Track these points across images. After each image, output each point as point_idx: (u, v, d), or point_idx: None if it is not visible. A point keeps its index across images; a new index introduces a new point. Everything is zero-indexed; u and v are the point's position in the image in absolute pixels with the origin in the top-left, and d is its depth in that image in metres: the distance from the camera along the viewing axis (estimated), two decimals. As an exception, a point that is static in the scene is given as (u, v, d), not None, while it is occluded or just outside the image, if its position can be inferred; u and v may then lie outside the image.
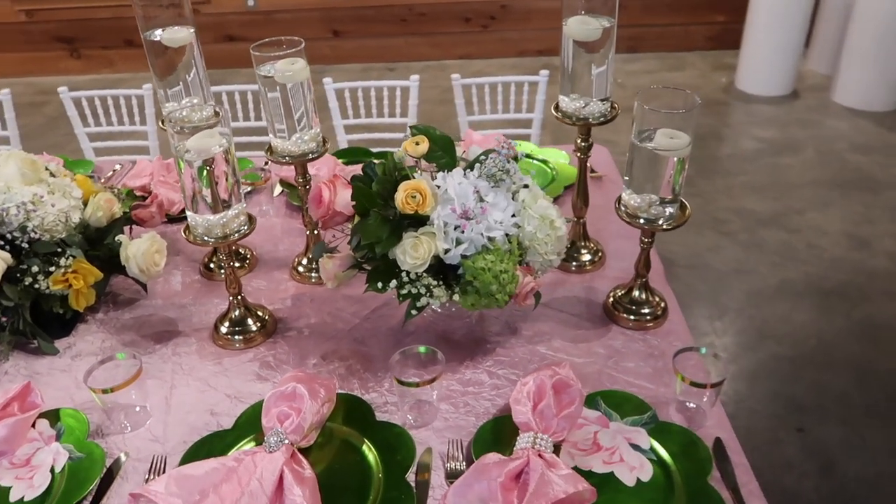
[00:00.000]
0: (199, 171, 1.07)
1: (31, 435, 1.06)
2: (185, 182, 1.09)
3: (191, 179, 1.07)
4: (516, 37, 4.66)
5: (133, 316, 1.34)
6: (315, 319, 1.30)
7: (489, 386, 1.14)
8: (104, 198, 1.32)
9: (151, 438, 1.07)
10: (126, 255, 1.29)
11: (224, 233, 1.14)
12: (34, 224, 1.23)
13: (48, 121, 4.11)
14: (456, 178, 1.12)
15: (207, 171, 1.07)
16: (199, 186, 1.07)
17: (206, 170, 1.07)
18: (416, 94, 2.28)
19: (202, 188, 1.08)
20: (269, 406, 1.03)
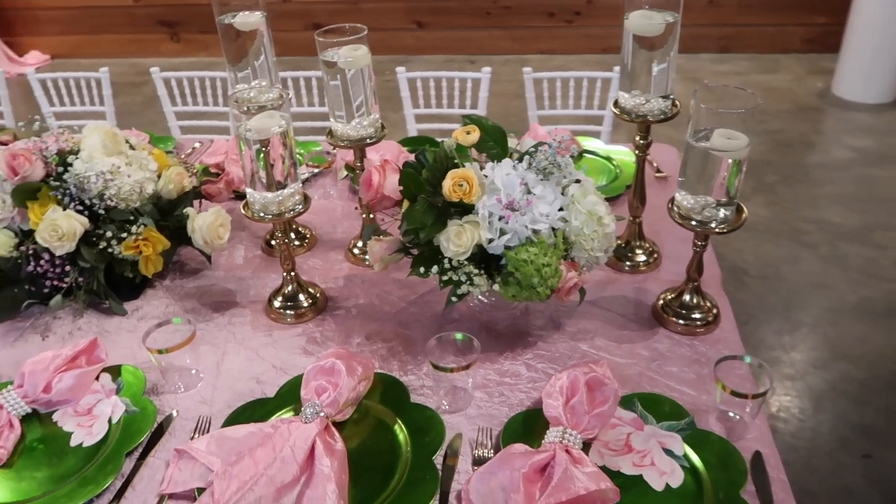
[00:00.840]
0: (257, 153, 1.12)
1: (95, 387, 1.14)
2: (245, 161, 1.14)
3: (250, 160, 1.12)
4: (601, 33, 4.58)
5: (196, 285, 1.42)
6: (363, 300, 1.34)
7: (526, 378, 1.14)
8: (175, 171, 1.40)
9: (200, 400, 1.13)
10: (192, 227, 1.36)
11: (279, 210, 1.18)
12: (111, 192, 1.32)
13: (146, 100, 4.35)
14: (504, 168, 1.12)
15: (264, 151, 1.11)
16: (256, 166, 1.12)
17: (263, 151, 1.11)
18: (486, 86, 2.29)
19: (259, 168, 1.13)
20: (308, 379, 1.07)
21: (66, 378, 1.10)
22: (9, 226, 1.31)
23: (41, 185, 1.30)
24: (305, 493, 0.93)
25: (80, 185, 1.30)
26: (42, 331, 1.31)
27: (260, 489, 0.91)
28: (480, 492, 0.92)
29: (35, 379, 1.10)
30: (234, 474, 0.93)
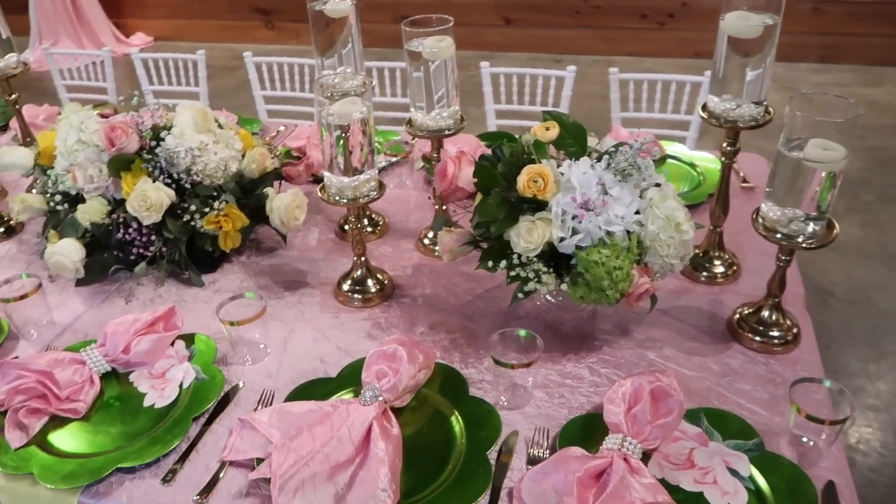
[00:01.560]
0: (338, 138, 1.14)
1: (169, 352, 1.19)
2: (325, 145, 1.16)
3: (330, 144, 1.14)
4: (693, 37, 4.43)
5: (270, 263, 1.46)
6: (430, 290, 1.34)
7: (588, 382, 1.12)
8: (259, 152, 1.45)
9: (266, 374, 1.16)
10: (270, 207, 1.40)
11: (354, 195, 1.20)
12: (198, 168, 1.37)
13: (238, 84, 4.51)
14: (581, 167, 1.10)
15: (344, 137, 1.13)
16: (335, 151, 1.14)
17: (343, 136, 1.13)
18: (570, 85, 2.25)
19: (337, 153, 1.14)
20: (370, 363, 1.08)
21: (144, 341, 1.16)
22: (103, 194, 1.38)
23: (135, 158, 1.36)
24: (359, 473, 0.94)
25: (169, 159, 1.36)
26: (126, 295, 1.38)
27: (315, 465, 0.93)
28: (533, 491, 0.91)
29: (116, 340, 1.15)
30: (291, 448, 0.95)
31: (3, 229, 1.61)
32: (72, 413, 1.08)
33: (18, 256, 1.54)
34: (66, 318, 1.32)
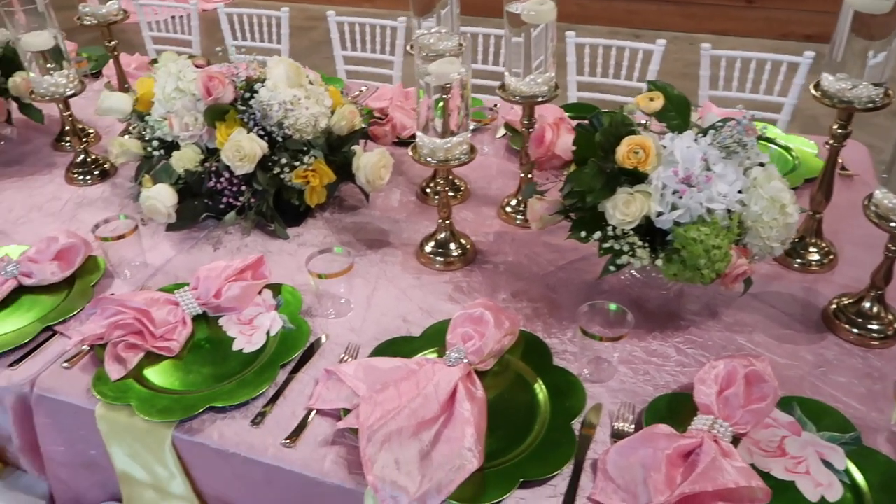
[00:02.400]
0: (437, 101, 1.13)
1: (256, 300, 1.22)
2: (422, 106, 1.16)
3: (427, 106, 1.13)
4: (783, 17, 4.23)
5: (353, 221, 1.47)
6: (512, 258, 1.34)
7: (674, 361, 1.09)
8: (349, 109, 1.45)
9: (349, 328, 1.18)
10: (357, 165, 1.41)
11: (445, 157, 1.20)
12: (289, 122, 1.38)
13: (312, 44, 4.54)
14: (685, 140, 1.06)
15: (444, 98, 1.12)
16: (433, 112, 1.14)
17: (443, 98, 1.12)
18: (658, 59, 2.18)
19: (435, 115, 1.14)
20: (455, 325, 1.08)
21: (234, 288, 1.19)
22: (197, 142, 1.41)
23: (229, 108, 1.38)
24: (443, 432, 0.95)
25: (263, 111, 1.37)
26: (214, 243, 1.42)
27: (402, 420, 0.94)
28: (618, 465, 0.90)
29: (208, 284, 1.19)
30: (378, 402, 0.96)
31: (98, 172, 1.66)
32: (166, 351, 1.12)
33: (112, 199, 1.59)
34: (157, 261, 1.37)
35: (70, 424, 1.10)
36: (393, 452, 0.92)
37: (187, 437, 1.00)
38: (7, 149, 1.83)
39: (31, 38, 1.46)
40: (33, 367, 1.13)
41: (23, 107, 1.75)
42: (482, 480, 0.90)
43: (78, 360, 1.13)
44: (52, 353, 1.16)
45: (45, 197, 1.61)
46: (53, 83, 1.52)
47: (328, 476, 0.94)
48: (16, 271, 1.27)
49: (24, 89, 1.71)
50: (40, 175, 1.71)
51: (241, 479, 1.01)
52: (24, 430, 1.15)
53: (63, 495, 1.19)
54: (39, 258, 1.29)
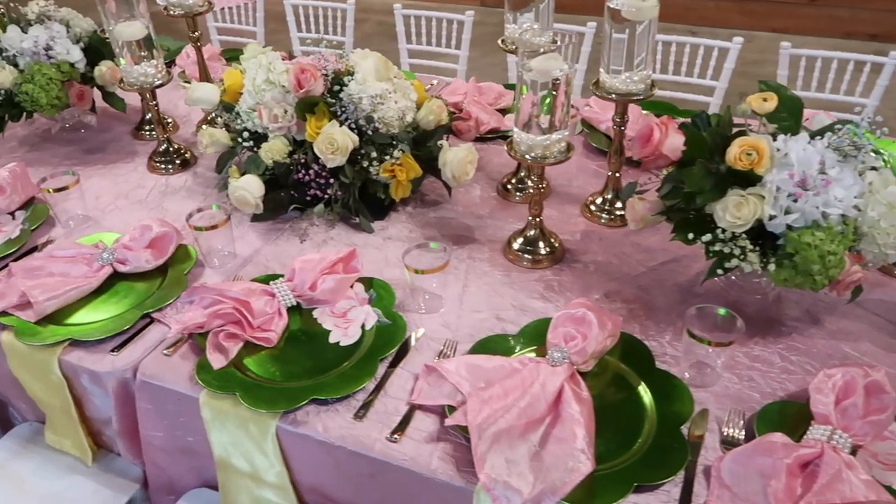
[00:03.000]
0: (544, 98, 1.12)
1: (349, 294, 1.22)
2: (525, 102, 1.14)
3: (531, 102, 1.12)
4: (846, 15, 4.11)
5: (437, 216, 1.47)
6: (602, 258, 1.32)
7: (779, 368, 1.07)
8: (437, 104, 1.44)
9: (443, 324, 1.18)
10: (444, 160, 1.40)
11: (543, 154, 1.18)
12: (378, 116, 1.38)
13: (364, 37, 4.55)
14: (800, 143, 1.04)
15: (552, 95, 1.11)
16: (537, 110, 1.12)
17: (551, 94, 1.11)
18: (734, 57, 2.14)
19: (540, 111, 1.12)
20: (556, 324, 1.07)
21: (328, 280, 1.19)
22: (285, 134, 1.42)
23: (319, 100, 1.39)
24: (551, 432, 0.94)
25: (352, 104, 1.37)
26: (300, 234, 1.42)
27: (510, 419, 0.93)
28: (734, 472, 0.89)
29: (304, 276, 1.19)
30: (485, 400, 0.96)
31: (179, 161, 1.69)
32: (264, 342, 1.13)
33: (194, 188, 1.61)
34: (245, 251, 1.38)
35: (171, 411, 1.11)
36: (503, 452, 0.91)
37: (291, 427, 1.01)
38: (88, 136, 1.87)
39: (123, 28, 1.49)
40: (134, 353, 1.15)
41: (106, 95, 1.78)
42: (592, 483, 0.89)
43: (178, 347, 1.15)
44: (151, 340, 1.17)
45: (130, 185, 1.63)
46: (143, 73, 1.54)
47: (437, 473, 0.94)
48: (111, 258, 1.30)
49: (109, 78, 1.73)
50: (123, 163, 1.74)
51: (343, 472, 1.01)
52: (123, 415, 1.17)
53: (157, 479, 1.22)
54: (134, 246, 1.31)
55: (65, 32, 1.71)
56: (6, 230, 1.45)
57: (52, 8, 1.76)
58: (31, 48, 1.66)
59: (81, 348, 1.16)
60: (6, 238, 1.42)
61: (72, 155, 1.78)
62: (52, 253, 1.31)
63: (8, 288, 1.24)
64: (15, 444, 1.32)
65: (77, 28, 1.75)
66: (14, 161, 1.73)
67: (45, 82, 1.63)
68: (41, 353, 1.16)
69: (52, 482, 1.24)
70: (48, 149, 1.81)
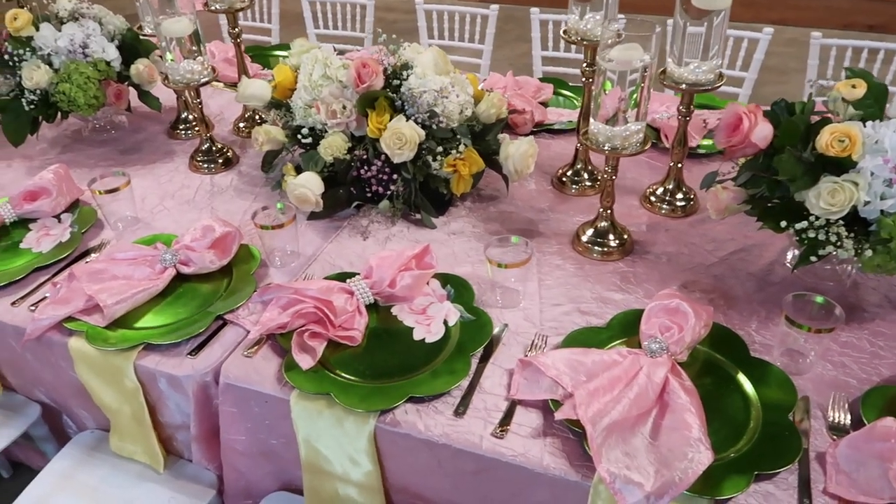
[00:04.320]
0: (632, 91, 1.11)
1: (426, 290, 1.20)
2: (609, 97, 1.13)
3: (618, 98, 1.11)
4: (845, 6, 4.17)
5: (497, 210, 1.45)
6: (672, 248, 1.32)
7: (869, 354, 1.07)
8: (497, 97, 1.43)
9: (525, 318, 1.16)
10: (506, 153, 1.39)
11: (622, 145, 1.18)
12: (438, 110, 1.36)
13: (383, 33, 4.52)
14: (892, 128, 1.04)
15: (641, 86, 1.10)
16: (627, 103, 1.11)
17: (640, 86, 1.10)
18: (764, 48, 2.16)
19: (629, 105, 1.12)
20: (650, 315, 1.06)
21: (406, 277, 1.17)
22: (343, 130, 1.40)
23: (381, 95, 1.37)
24: (662, 423, 0.94)
25: (413, 99, 1.35)
26: (362, 231, 1.40)
27: (622, 411, 0.92)
28: (851, 458, 0.89)
29: (382, 273, 1.17)
30: (592, 393, 0.95)
31: (221, 160, 1.65)
32: (348, 340, 1.11)
33: (242, 187, 1.58)
34: (306, 249, 1.35)
35: (256, 414, 1.09)
36: (618, 445, 0.90)
37: (390, 427, 0.99)
38: (121, 137, 1.82)
39: (171, 24, 1.45)
40: (212, 355, 1.12)
41: (142, 94, 1.74)
42: (711, 474, 0.89)
43: (259, 348, 1.12)
44: (227, 342, 1.15)
45: (175, 185, 1.60)
46: (189, 70, 1.50)
47: (549, 468, 0.92)
48: (174, 260, 1.26)
49: (146, 76, 1.70)
50: (162, 163, 1.70)
51: (444, 470, 1.00)
52: (202, 419, 1.14)
53: (234, 484, 1.19)
54: (196, 247, 1.28)
55: (99, 30, 1.67)
56: (54, 233, 1.41)
57: (85, 5, 1.71)
58: (66, 46, 1.61)
59: (157, 352, 1.13)
60: (56, 242, 1.38)
61: (107, 156, 1.74)
62: (113, 255, 1.27)
63: (71, 292, 1.21)
64: (79, 453, 1.28)
65: (110, 25, 1.71)
66: (49, 163, 1.70)
67: (82, 81, 1.59)
68: (115, 359, 1.13)
69: (125, 491, 1.21)
70: (81, 150, 1.77)
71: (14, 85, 1.63)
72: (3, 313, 1.23)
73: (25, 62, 1.60)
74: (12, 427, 1.34)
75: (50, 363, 1.23)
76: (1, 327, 1.23)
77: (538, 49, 2.39)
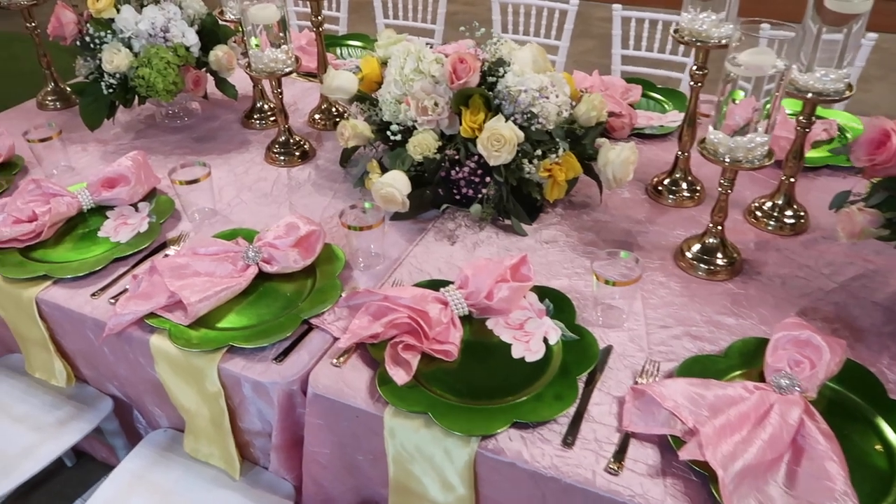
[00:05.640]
0: (766, 102, 1.02)
1: (522, 303, 1.13)
2: (740, 108, 1.04)
3: (752, 109, 1.02)
4: None
5: (591, 219, 1.37)
6: (785, 271, 1.22)
7: None
8: (597, 99, 1.35)
9: (630, 339, 1.08)
10: (606, 160, 1.31)
11: (745, 157, 1.08)
12: (536, 110, 1.29)
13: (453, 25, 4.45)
14: None
15: (775, 96, 1.01)
16: (759, 114, 1.02)
17: (774, 95, 1.01)
18: (865, 55, 2.02)
19: (760, 117, 1.02)
20: (776, 346, 0.98)
21: (504, 289, 1.10)
22: (433, 128, 1.33)
23: (476, 93, 1.29)
24: (797, 471, 0.85)
25: (510, 97, 1.28)
26: (448, 235, 1.33)
27: (754, 455, 0.84)
28: None
29: (479, 283, 1.10)
30: (719, 431, 0.87)
31: (298, 153, 1.60)
32: (443, 355, 1.04)
33: (320, 182, 1.52)
34: (389, 252, 1.29)
35: (345, 427, 1.03)
36: (751, 492, 0.82)
37: (493, 454, 0.92)
38: (195, 124, 1.79)
39: (258, 11, 1.39)
40: (298, 362, 1.07)
41: (219, 81, 1.69)
42: (855, 530, 0.80)
43: (348, 357, 1.06)
44: (314, 348, 1.09)
45: (251, 177, 1.55)
46: (273, 59, 1.45)
47: (672, 512, 0.85)
48: (258, 257, 1.21)
49: (225, 63, 1.65)
50: (237, 153, 1.65)
51: (548, 503, 0.93)
52: (284, 428, 1.09)
53: (313, 497, 1.14)
54: (280, 245, 1.22)
55: (179, 14, 1.62)
56: (132, 223, 1.38)
57: (166, -13, 1.67)
58: (147, 30, 1.57)
59: (241, 355, 1.08)
60: (135, 231, 1.34)
61: (182, 143, 1.70)
62: (196, 250, 1.22)
63: (153, 287, 1.16)
64: (152, 453, 1.25)
65: (190, 9, 1.66)
66: (123, 148, 1.67)
67: (162, 66, 1.54)
68: (198, 360, 1.08)
69: (199, 494, 1.16)
70: (155, 136, 1.73)
71: (94, 68, 1.60)
72: (83, 305, 1.19)
73: (106, 45, 1.57)
74: (84, 421, 1.31)
75: (128, 359, 1.19)
76: (80, 319, 1.19)
77: (618, 47, 2.29)
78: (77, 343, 1.26)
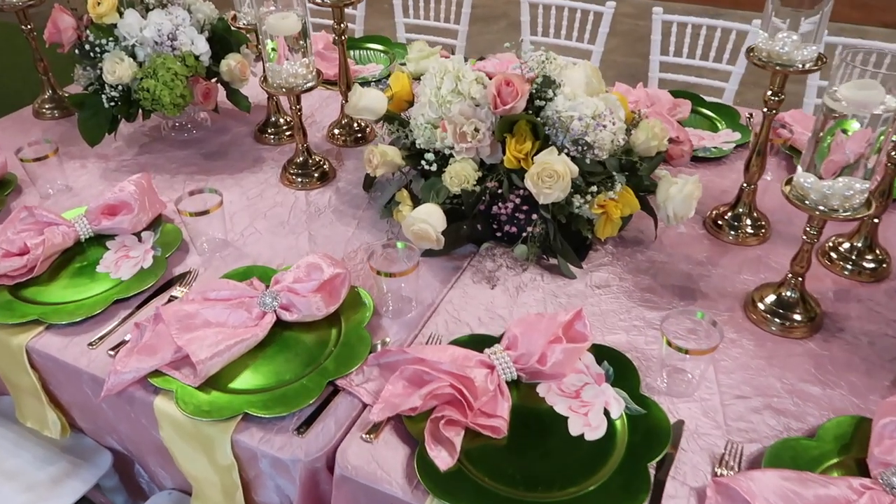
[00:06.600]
0: (879, 137, 0.87)
1: (578, 366, 0.99)
2: (856, 138, 0.89)
3: (865, 143, 0.88)
4: None
5: (645, 258, 1.23)
6: (872, 327, 1.08)
7: None
8: (658, 126, 1.20)
9: (703, 413, 0.94)
10: (666, 195, 1.16)
11: (841, 206, 0.94)
12: (589, 139, 1.14)
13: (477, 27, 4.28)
14: None
15: (881, 135, 0.86)
16: (870, 150, 0.88)
17: (881, 137, 0.86)
18: None
19: (871, 151, 0.88)
20: (882, 435, 0.84)
21: (557, 351, 0.96)
22: (472, 157, 1.19)
23: (522, 118, 1.15)
24: None
25: (561, 125, 1.13)
26: (487, 276, 1.19)
27: (873, 580, 0.70)
28: None
29: (529, 345, 0.97)
30: (827, 547, 0.73)
31: (317, 175, 1.46)
32: (491, 431, 0.91)
33: (343, 209, 1.38)
34: (423, 295, 1.15)
35: (377, 514, 0.90)
36: None
37: (554, 559, 0.79)
38: (204, 137, 1.65)
39: (276, 21, 1.25)
40: (323, 433, 0.93)
41: (230, 93, 1.55)
42: None
43: (380, 431, 0.92)
44: (340, 415, 0.95)
45: (266, 202, 1.41)
46: (293, 73, 1.31)
47: None
48: (275, 304, 1.07)
49: (237, 74, 1.51)
50: (250, 172, 1.51)
51: None
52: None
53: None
54: (300, 289, 1.08)
55: (188, 20, 1.48)
56: (134, 255, 1.24)
57: (174, -10, 1.53)
58: (153, 37, 1.43)
59: (258, 424, 0.95)
60: (138, 267, 1.21)
61: (190, 160, 1.56)
62: (206, 294, 1.09)
63: (158, 338, 1.03)
64: (156, 519, 1.12)
65: (199, 14, 1.52)
66: (125, 165, 1.53)
67: (169, 78, 1.40)
68: (209, 429, 0.95)
69: (210, 576, 1.03)
70: (161, 151, 1.59)
71: (94, 78, 1.46)
72: (79, 357, 1.06)
73: (107, 54, 1.42)
74: (80, 480, 1.18)
75: (129, 418, 1.06)
76: (76, 372, 1.06)
77: (657, 53, 2.13)
78: (73, 395, 1.13)
